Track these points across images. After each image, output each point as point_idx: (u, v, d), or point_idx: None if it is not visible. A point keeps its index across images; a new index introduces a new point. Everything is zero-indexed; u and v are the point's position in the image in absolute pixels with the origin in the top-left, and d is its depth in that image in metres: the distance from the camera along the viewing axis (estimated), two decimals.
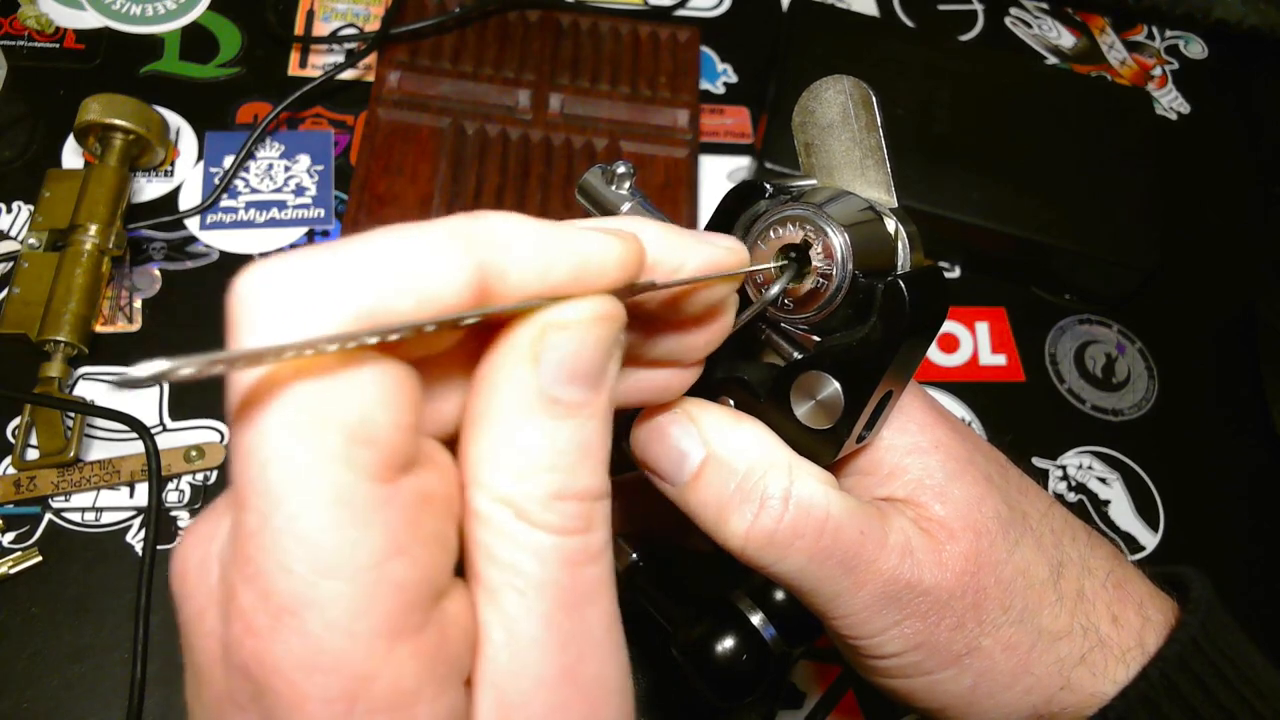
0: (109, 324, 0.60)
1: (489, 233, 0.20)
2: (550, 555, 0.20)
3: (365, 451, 0.18)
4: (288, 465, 0.18)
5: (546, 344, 0.21)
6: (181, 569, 0.21)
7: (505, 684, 0.20)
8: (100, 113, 0.61)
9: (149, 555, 0.52)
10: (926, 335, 0.30)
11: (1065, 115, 0.76)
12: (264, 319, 0.18)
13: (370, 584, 0.18)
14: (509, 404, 0.21)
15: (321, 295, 0.18)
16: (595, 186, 0.34)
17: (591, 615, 0.21)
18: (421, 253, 0.19)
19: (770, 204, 0.31)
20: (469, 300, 0.20)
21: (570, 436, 0.21)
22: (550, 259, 0.21)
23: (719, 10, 0.83)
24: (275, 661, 0.18)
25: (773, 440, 0.31)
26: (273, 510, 0.18)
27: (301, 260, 0.19)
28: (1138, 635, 0.33)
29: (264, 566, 0.18)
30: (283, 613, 0.17)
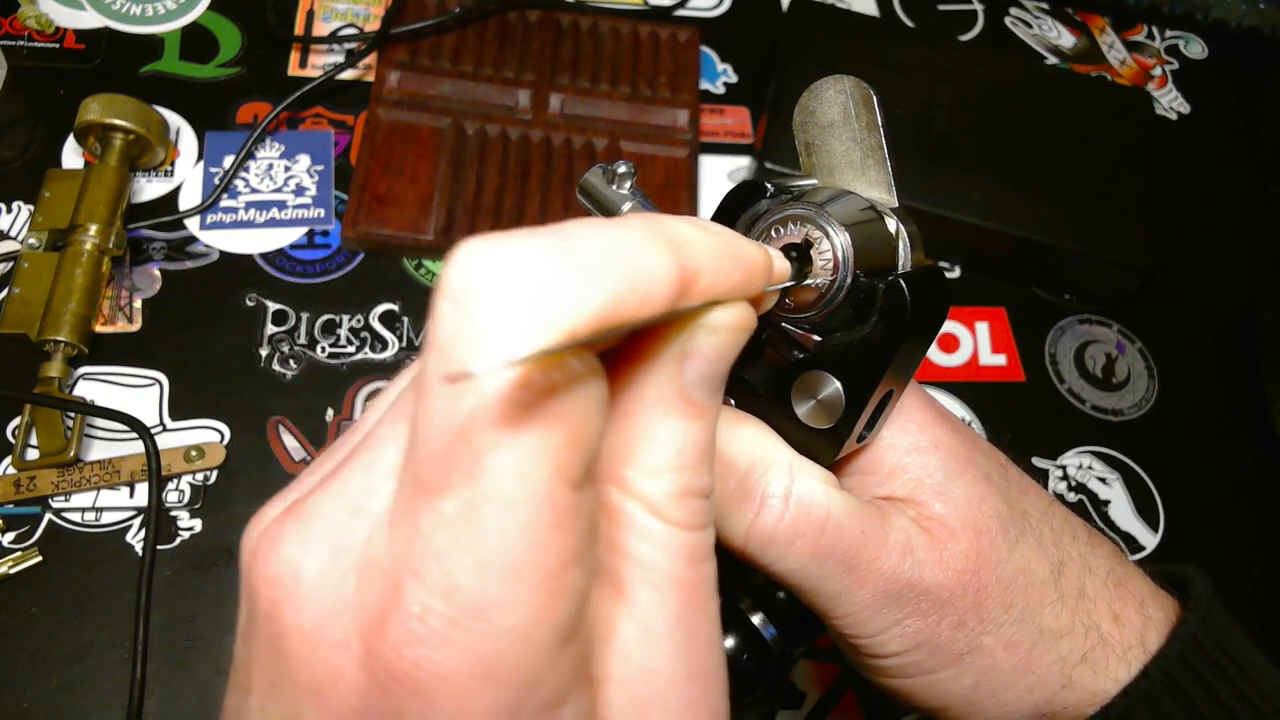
0: (109, 324, 0.60)
1: (682, 235, 0.20)
2: (680, 551, 0.21)
3: (576, 457, 0.18)
4: (511, 457, 0.17)
5: (696, 345, 0.21)
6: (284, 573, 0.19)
7: (637, 679, 0.20)
8: (100, 113, 0.61)
9: (149, 555, 0.52)
10: (927, 335, 0.30)
11: (1065, 115, 0.76)
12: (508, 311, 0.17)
13: (555, 590, 0.17)
14: (652, 403, 0.21)
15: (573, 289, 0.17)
16: (596, 186, 0.34)
17: (710, 609, 0.22)
18: (640, 249, 0.19)
19: (771, 204, 0.31)
20: (673, 300, 0.20)
21: (698, 437, 0.21)
22: (729, 264, 0.21)
23: (719, 10, 0.83)
24: (444, 671, 0.17)
25: (773, 439, 0.31)
26: (481, 500, 0.17)
27: (537, 247, 0.18)
28: (1139, 633, 0.33)
29: (453, 561, 0.17)
30: (466, 615, 0.17)
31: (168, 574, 0.53)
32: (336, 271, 0.65)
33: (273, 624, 0.19)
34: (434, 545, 0.17)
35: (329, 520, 0.19)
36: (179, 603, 0.52)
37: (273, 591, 0.19)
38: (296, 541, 0.19)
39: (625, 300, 0.18)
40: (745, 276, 0.22)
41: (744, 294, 0.22)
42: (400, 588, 0.17)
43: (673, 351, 0.21)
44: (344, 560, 0.19)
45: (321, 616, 0.18)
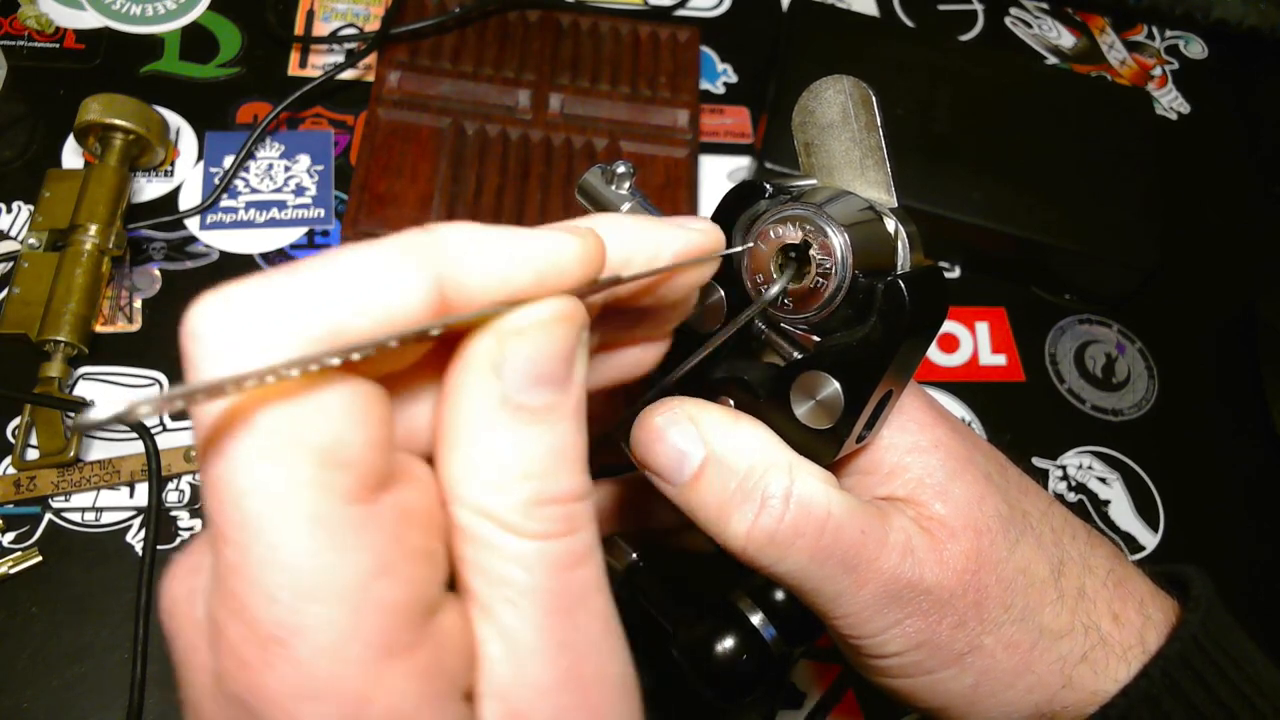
0: (109, 324, 0.60)
1: (443, 244, 0.20)
2: (537, 562, 0.20)
3: (339, 474, 0.18)
4: (262, 494, 0.17)
5: (506, 351, 0.20)
6: (169, 604, 0.20)
7: (509, 694, 0.20)
8: (100, 113, 0.61)
9: (149, 555, 0.52)
10: (926, 335, 0.30)
11: (1065, 115, 0.76)
12: (221, 350, 0.18)
13: (357, 606, 0.18)
14: (475, 415, 0.20)
15: (278, 321, 0.18)
16: (595, 186, 0.34)
17: (586, 617, 0.21)
18: (376, 270, 0.19)
19: (770, 204, 0.31)
20: (429, 313, 0.19)
21: (542, 441, 0.21)
22: (508, 264, 0.21)
23: (719, 10, 0.83)
24: (268, 692, 0.17)
25: (773, 440, 0.31)
26: (251, 541, 0.17)
27: (254, 287, 0.18)
28: (1139, 633, 0.33)
29: (248, 598, 0.17)
30: (271, 642, 0.17)
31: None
32: None
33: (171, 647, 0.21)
34: (230, 586, 0.18)
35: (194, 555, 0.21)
36: None
37: (165, 619, 0.21)
38: (175, 573, 0.21)
39: (350, 321, 0.18)
40: (536, 273, 0.21)
41: (548, 288, 0.21)
42: (220, 623, 0.18)
43: (479, 360, 0.21)
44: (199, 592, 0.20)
45: (190, 641, 0.20)
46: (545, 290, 0.21)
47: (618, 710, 0.21)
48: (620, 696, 0.22)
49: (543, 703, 0.20)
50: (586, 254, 0.22)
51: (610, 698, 0.21)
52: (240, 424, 0.18)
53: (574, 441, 0.21)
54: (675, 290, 0.26)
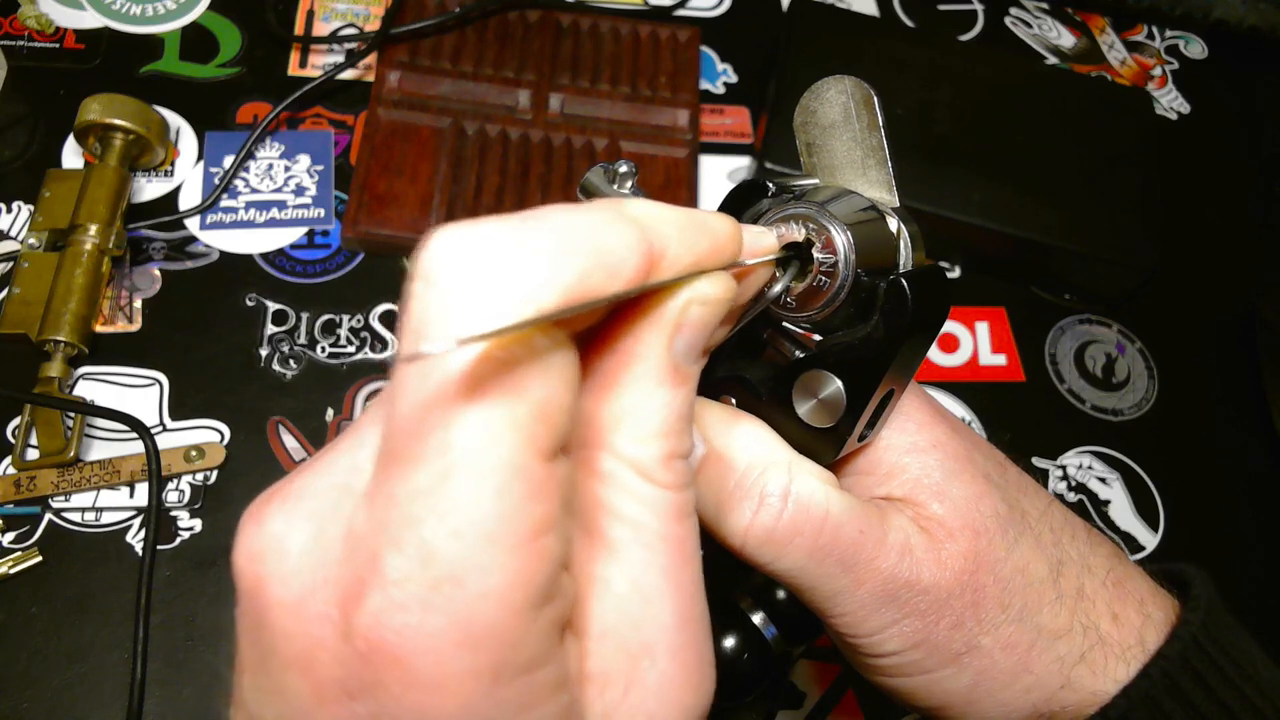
0: (109, 324, 0.60)
1: (645, 213, 0.21)
2: (669, 510, 0.22)
3: (546, 429, 0.19)
4: (478, 431, 0.18)
5: (688, 316, 0.22)
6: (265, 545, 0.19)
7: (628, 633, 0.21)
8: (100, 113, 0.61)
9: (149, 555, 0.52)
10: (928, 334, 0.30)
11: (1065, 115, 0.76)
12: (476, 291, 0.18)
13: (529, 556, 0.18)
14: (644, 372, 0.22)
15: (536, 268, 0.18)
16: (597, 186, 0.33)
17: (696, 563, 0.23)
18: (605, 229, 0.20)
19: (772, 203, 0.31)
20: (642, 276, 0.21)
21: (683, 403, 0.23)
22: (696, 237, 0.22)
23: (719, 10, 0.83)
24: (423, 637, 0.17)
25: (773, 438, 0.31)
26: (454, 470, 0.17)
27: (502, 230, 0.19)
28: (1138, 633, 0.33)
29: (429, 530, 0.17)
30: (443, 582, 0.17)
31: (168, 574, 0.53)
32: (336, 271, 0.65)
33: (256, 600, 0.19)
34: (410, 514, 0.17)
35: (315, 497, 0.20)
36: (179, 603, 0.52)
37: (255, 568, 0.19)
38: (281, 519, 0.20)
39: (591, 276, 0.19)
40: (713, 245, 0.23)
41: (717, 261, 0.23)
42: (378, 557, 0.18)
43: (663, 323, 0.22)
44: (329, 534, 0.19)
45: (304, 589, 0.19)
46: (713, 264, 0.23)
47: (711, 655, 0.23)
48: (710, 642, 0.23)
49: (664, 642, 0.21)
50: (739, 235, 0.24)
51: (707, 641, 0.23)
52: (483, 365, 0.18)
53: (693, 406, 0.24)
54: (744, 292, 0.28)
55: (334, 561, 0.19)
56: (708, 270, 0.23)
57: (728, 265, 0.24)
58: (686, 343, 0.23)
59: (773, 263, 0.29)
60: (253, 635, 0.20)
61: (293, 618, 0.19)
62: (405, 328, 0.19)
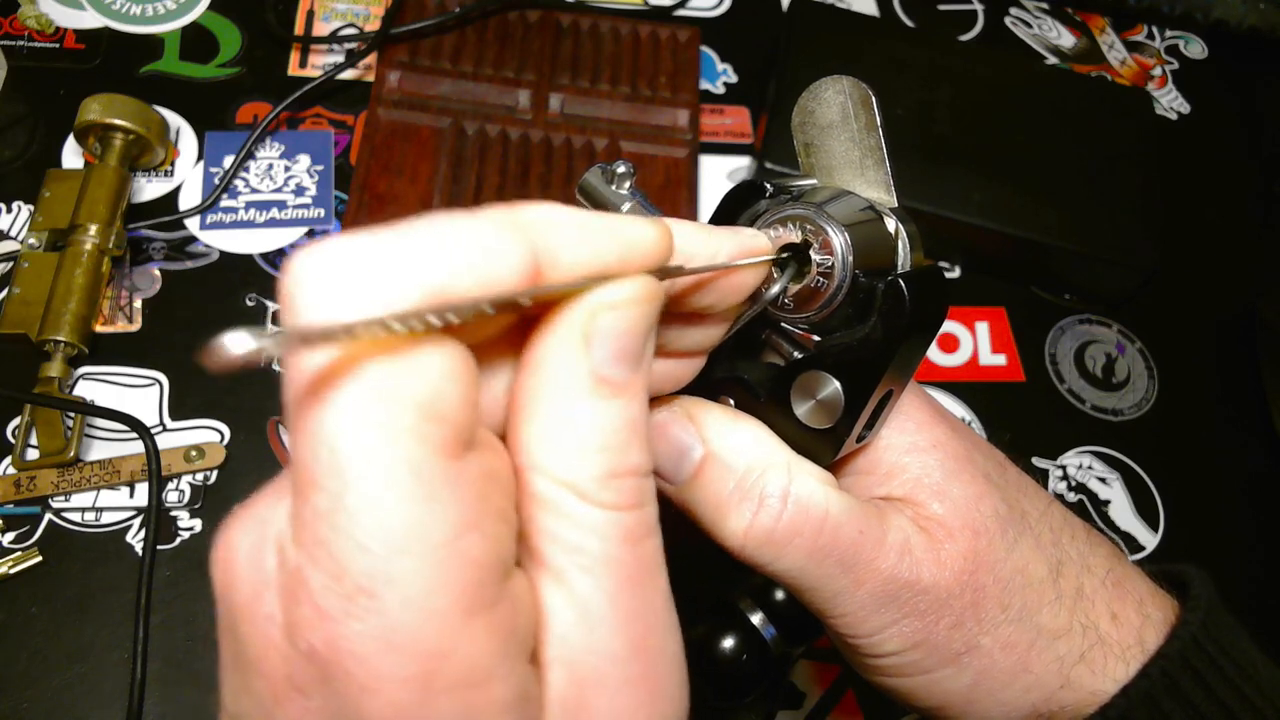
0: (109, 324, 0.60)
1: (537, 219, 0.21)
2: (612, 533, 0.21)
3: (437, 427, 0.18)
4: (362, 441, 0.18)
5: (597, 324, 0.21)
6: (227, 555, 0.20)
7: (578, 661, 0.20)
8: (100, 113, 0.61)
9: (149, 555, 0.52)
10: (927, 335, 0.30)
11: (1065, 115, 0.76)
12: (329, 297, 0.18)
13: (446, 560, 0.18)
14: (562, 386, 0.21)
15: (392, 272, 0.18)
16: (595, 186, 0.33)
17: (652, 590, 0.22)
18: (479, 236, 0.20)
19: (770, 203, 0.31)
20: (525, 282, 0.20)
21: (619, 415, 0.21)
22: (597, 243, 0.21)
23: (719, 10, 0.83)
24: (349, 644, 0.17)
25: (772, 439, 0.31)
26: (346, 488, 0.17)
27: (363, 240, 0.19)
28: (1137, 633, 0.33)
29: (337, 546, 0.17)
30: (358, 593, 0.17)
31: (168, 574, 0.53)
32: None
33: (223, 602, 0.20)
34: (317, 534, 0.18)
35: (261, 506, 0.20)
36: (179, 603, 0.52)
37: (219, 573, 0.20)
38: (237, 526, 0.20)
39: (453, 282, 0.19)
40: (624, 251, 0.22)
41: (631, 268, 0.22)
42: (300, 570, 0.18)
43: (571, 332, 0.21)
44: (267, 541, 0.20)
45: (252, 593, 0.19)
46: (629, 269, 0.22)
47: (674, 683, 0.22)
48: (676, 670, 0.22)
49: (612, 670, 0.21)
50: (665, 240, 0.23)
51: (669, 671, 0.22)
52: (346, 371, 0.18)
53: (643, 419, 0.22)
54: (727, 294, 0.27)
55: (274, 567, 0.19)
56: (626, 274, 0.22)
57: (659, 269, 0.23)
58: (608, 350, 0.21)
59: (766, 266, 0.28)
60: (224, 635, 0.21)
61: (246, 620, 0.20)
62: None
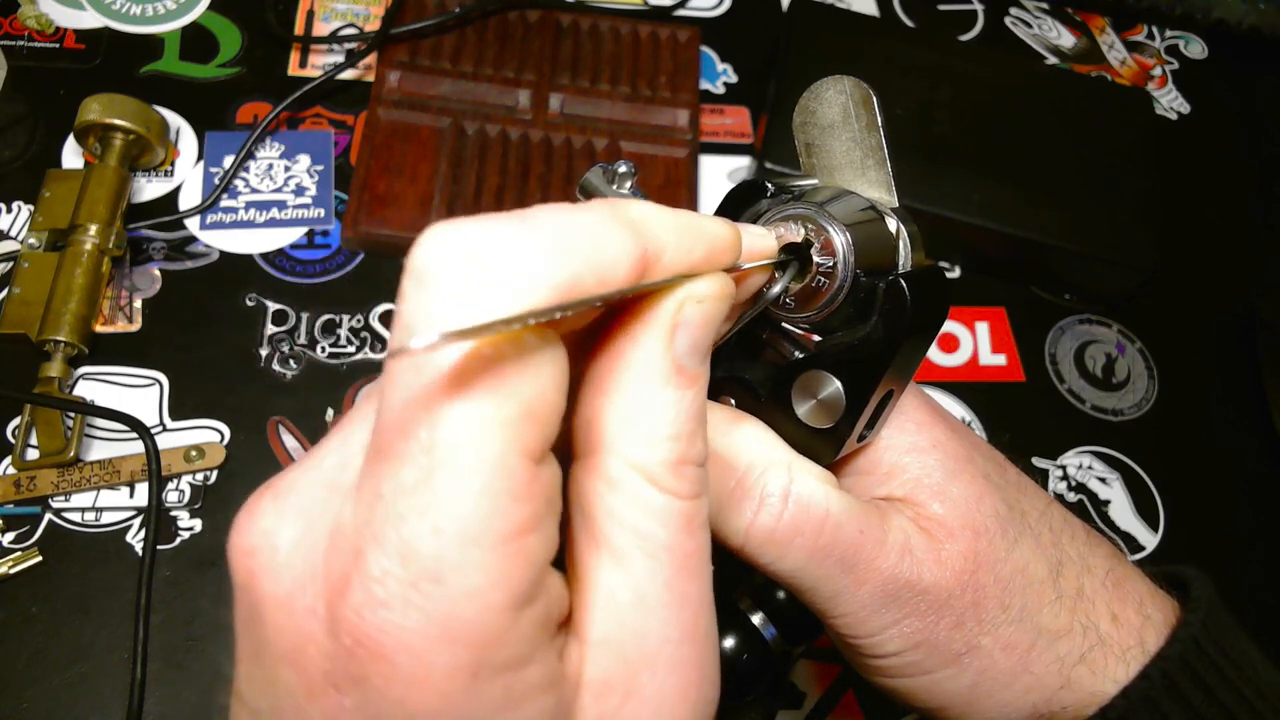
0: (109, 324, 0.60)
1: (642, 216, 0.21)
2: (675, 520, 0.21)
3: (534, 429, 0.19)
4: (466, 428, 0.18)
5: (683, 316, 0.22)
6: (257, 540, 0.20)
7: (628, 641, 0.21)
8: (100, 113, 0.61)
9: (149, 555, 0.52)
10: (927, 335, 0.30)
11: (1065, 115, 0.76)
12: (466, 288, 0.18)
13: (511, 555, 0.18)
14: (644, 374, 0.22)
15: (523, 268, 0.18)
16: (596, 186, 0.33)
17: (705, 576, 0.22)
18: (600, 231, 0.20)
19: (771, 203, 0.31)
20: (634, 277, 0.20)
21: (691, 405, 0.22)
22: (691, 240, 0.22)
23: (719, 10, 0.83)
24: (403, 633, 0.17)
25: (772, 439, 0.31)
26: (439, 466, 0.18)
27: (496, 229, 0.19)
28: (1138, 634, 0.33)
29: (410, 528, 0.17)
30: (424, 578, 0.17)
31: (168, 574, 0.53)
32: (336, 271, 0.65)
33: (250, 594, 0.20)
34: (393, 511, 0.18)
35: (304, 493, 0.20)
36: (179, 603, 0.52)
37: (248, 562, 0.20)
38: (273, 514, 0.20)
39: (583, 278, 0.19)
40: (710, 249, 0.23)
41: (714, 265, 0.23)
42: (361, 553, 0.18)
43: (662, 322, 0.22)
44: (317, 530, 0.19)
45: (293, 583, 0.19)
46: (710, 266, 0.23)
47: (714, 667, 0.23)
48: (716, 656, 0.23)
49: (663, 652, 0.21)
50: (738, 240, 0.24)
51: (712, 656, 0.22)
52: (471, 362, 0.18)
53: (705, 410, 0.23)
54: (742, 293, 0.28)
55: (321, 557, 0.19)
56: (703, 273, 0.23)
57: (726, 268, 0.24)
58: (688, 341, 0.22)
59: (770, 266, 0.28)
60: (247, 628, 0.20)
61: (282, 612, 0.19)
62: (396, 324, 0.19)
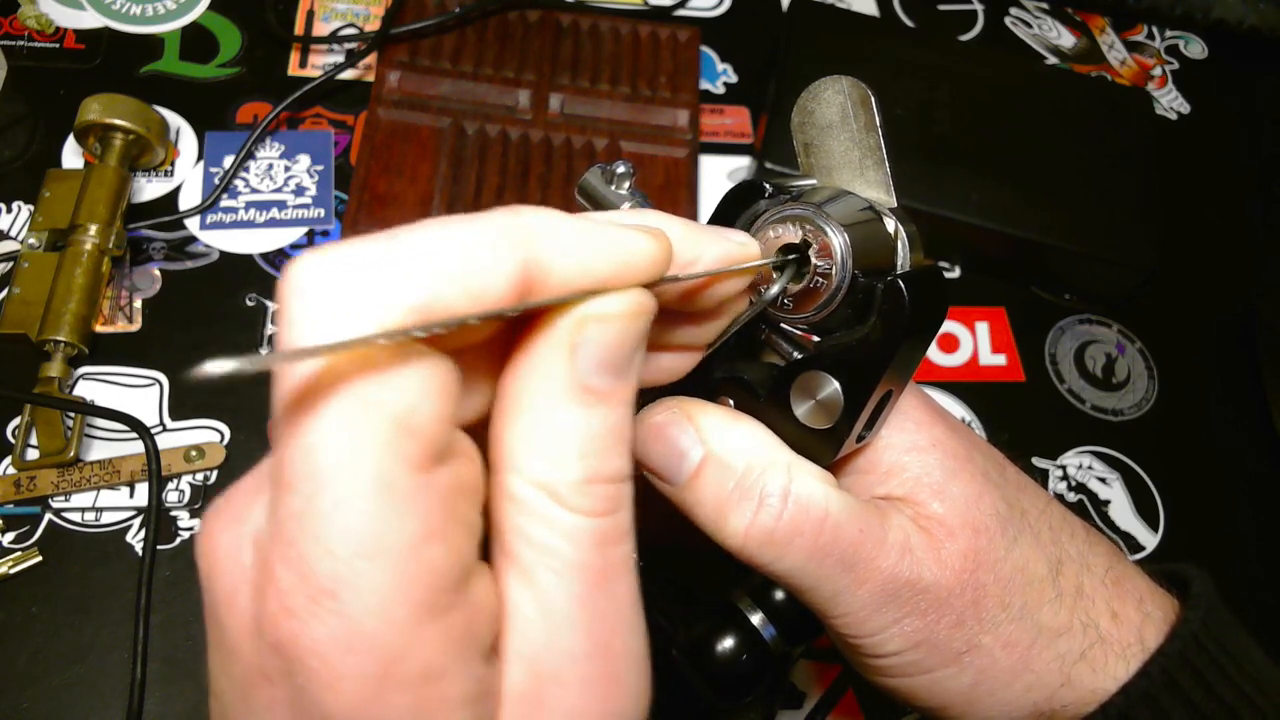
0: (109, 324, 0.60)
1: (533, 229, 0.21)
2: (584, 537, 0.21)
3: (410, 442, 0.19)
4: (337, 450, 0.18)
5: (583, 335, 0.22)
6: (209, 548, 0.21)
7: (539, 657, 0.21)
8: (100, 113, 0.61)
9: (149, 555, 0.52)
10: (926, 335, 0.30)
11: (1065, 115, 0.76)
12: (321, 311, 0.18)
13: (406, 568, 0.19)
14: (546, 392, 0.21)
15: (378, 289, 0.19)
16: (595, 186, 0.34)
17: (619, 592, 0.22)
18: (472, 248, 0.20)
19: (770, 204, 0.31)
20: (515, 295, 0.20)
21: (601, 423, 0.22)
22: (591, 255, 0.22)
23: (719, 10, 0.83)
24: (311, 642, 0.18)
25: (771, 439, 0.31)
26: (318, 492, 0.18)
27: (355, 252, 0.19)
28: (1138, 632, 0.33)
29: (305, 548, 0.18)
30: (321, 594, 0.18)
31: (168, 574, 0.53)
32: None
33: (208, 591, 0.21)
34: (288, 534, 0.18)
35: (240, 501, 0.21)
36: (179, 603, 0.52)
37: (204, 562, 0.21)
38: (218, 518, 0.21)
39: (444, 297, 0.19)
40: (619, 266, 0.22)
41: (626, 280, 0.22)
42: (271, 568, 0.19)
43: (557, 341, 0.22)
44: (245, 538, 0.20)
45: (232, 585, 0.20)
46: (621, 282, 0.22)
47: (636, 685, 0.22)
48: (639, 672, 0.23)
49: (571, 669, 0.21)
50: (661, 254, 0.23)
51: (631, 672, 0.22)
52: (330, 384, 0.18)
53: (626, 426, 0.23)
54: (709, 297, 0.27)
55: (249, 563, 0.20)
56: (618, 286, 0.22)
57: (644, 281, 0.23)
58: (593, 360, 0.22)
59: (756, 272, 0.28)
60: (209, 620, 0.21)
61: (225, 609, 0.20)
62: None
